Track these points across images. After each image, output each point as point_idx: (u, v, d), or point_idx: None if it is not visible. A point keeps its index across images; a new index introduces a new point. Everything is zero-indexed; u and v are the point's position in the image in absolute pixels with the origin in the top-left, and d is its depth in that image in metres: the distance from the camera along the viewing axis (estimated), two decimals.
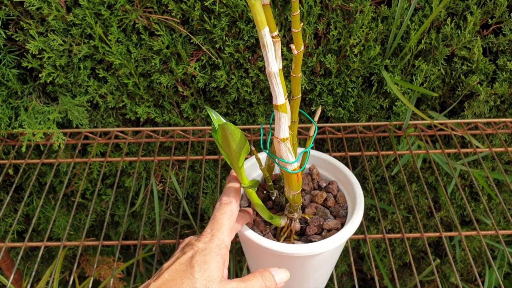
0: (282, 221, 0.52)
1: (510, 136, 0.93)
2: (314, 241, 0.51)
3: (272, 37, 0.39)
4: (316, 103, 0.85)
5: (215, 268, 0.40)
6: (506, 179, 0.77)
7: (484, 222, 1.03)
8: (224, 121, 0.44)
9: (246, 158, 0.61)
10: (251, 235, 0.50)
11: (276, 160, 0.50)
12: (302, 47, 0.42)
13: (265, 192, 0.59)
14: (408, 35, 0.79)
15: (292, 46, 0.42)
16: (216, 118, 0.46)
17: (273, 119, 0.45)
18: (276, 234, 0.54)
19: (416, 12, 0.78)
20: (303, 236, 0.54)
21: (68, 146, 0.93)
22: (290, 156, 0.44)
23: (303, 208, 0.56)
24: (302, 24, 0.75)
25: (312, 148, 0.55)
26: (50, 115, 0.82)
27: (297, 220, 0.53)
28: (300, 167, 0.48)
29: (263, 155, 0.58)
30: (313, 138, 0.50)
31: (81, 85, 0.84)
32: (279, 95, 0.41)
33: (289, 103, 0.47)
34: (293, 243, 0.52)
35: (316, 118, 0.51)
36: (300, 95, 0.47)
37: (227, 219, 0.45)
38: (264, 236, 0.52)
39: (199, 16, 0.75)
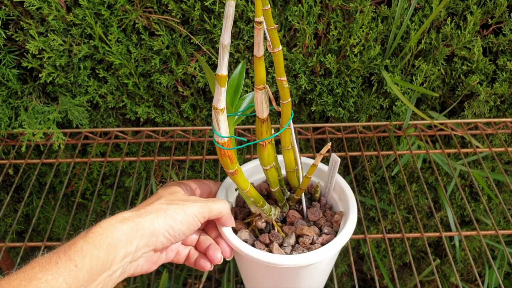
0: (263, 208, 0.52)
1: (510, 136, 0.93)
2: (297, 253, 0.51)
3: (257, 22, 0.39)
4: (316, 103, 0.85)
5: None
6: (506, 179, 0.77)
7: (484, 222, 1.03)
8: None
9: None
10: (238, 243, 0.50)
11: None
12: (280, 47, 0.41)
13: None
14: (408, 35, 0.79)
15: (268, 43, 0.41)
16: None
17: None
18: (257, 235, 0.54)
19: (416, 12, 0.78)
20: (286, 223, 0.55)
21: (68, 146, 0.93)
22: (222, 129, 0.43)
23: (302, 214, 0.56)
24: (302, 24, 0.75)
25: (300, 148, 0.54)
26: (50, 115, 0.82)
27: (273, 219, 0.53)
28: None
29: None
30: (286, 126, 0.49)
31: (81, 85, 0.84)
32: (222, 67, 0.41)
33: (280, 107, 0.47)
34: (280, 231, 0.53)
35: (324, 150, 0.48)
36: (290, 100, 0.45)
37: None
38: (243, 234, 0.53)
39: (199, 16, 0.75)
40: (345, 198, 0.55)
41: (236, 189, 0.57)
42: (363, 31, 0.76)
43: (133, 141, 0.86)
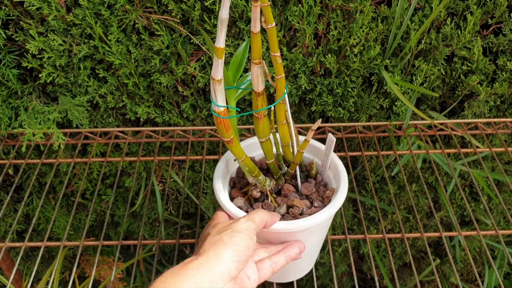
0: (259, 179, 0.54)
1: (510, 136, 0.93)
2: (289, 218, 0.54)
3: (254, 0, 0.41)
4: (316, 103, 0.85)
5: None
6: (506, 179, 0.77)
7: (484, 222, 1.03)
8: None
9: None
10: (232, 209, 0.53)
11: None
12: (274, 23, 0.43)
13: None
14: (408, 35, 0.79)
15: (263, 19, 0.43)
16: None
17: None
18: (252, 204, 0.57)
19: (416, 12, 0.78)
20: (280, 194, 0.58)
21: (68, 146, 0.93)
22: (219, 99, 0.46)
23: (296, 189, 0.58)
24: (302, 24, 0.75)
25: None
26: (50, 115, 0.82)
27: (268, 189, 0.56)
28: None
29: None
30: (284, 95, 0.51)
31: (81, 85, 0.84)
32: (220, 40, 0.42)
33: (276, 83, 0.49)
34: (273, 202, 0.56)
35: (315, 126, 0.50)
36: (284, 75, 0.48)
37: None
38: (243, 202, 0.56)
39: (199, 16, 0.75)
40: (338, 175, 0.57)
41: (234, 160, 0.60)
42: (363, 31, 0.76)
43: (133, 141, 0.86)
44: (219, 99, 0.46)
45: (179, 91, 0.85)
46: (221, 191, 0.55)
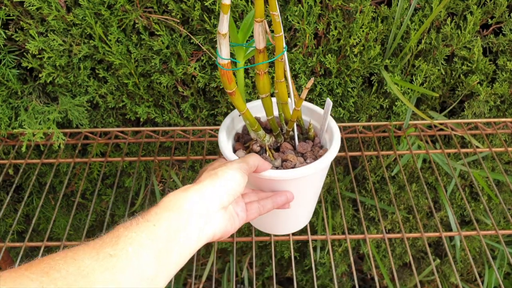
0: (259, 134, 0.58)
1: (510, 136, 0.93)
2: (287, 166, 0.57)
3: None
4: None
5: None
6: (506, 179, 0.77)
7: (484, 222, 1.03)
8: None
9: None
10: (232, 157, 0.57)
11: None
12: None
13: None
14: (408, 35, 0.79)
15: None
16: None
17: None
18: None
19: (416, 12, 0.78)
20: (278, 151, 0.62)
21: (68, 146, 0.93)
22: (223, 52, 0.49)
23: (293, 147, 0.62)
24: (302, 24, 0.75)
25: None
26: (50, 115, 0.82)
27: (267, 144, 0.59)
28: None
29: (257, 102, 0.65)
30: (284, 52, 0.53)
31: (81, 85, 0.84)
32: None
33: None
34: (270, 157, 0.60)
35: (309, 84, 0.53)
36: (282, 33, 0.50)
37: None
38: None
39: (199, 16, 0.75)
40: (332, 136, 0.60)
41: (239, 115, 0.62)
42: (363, 31, 0.76)
43: (133, 141, 0.86)
44: (224, 52, 0.49)
45: (179, 91, 0.85)
46: (224, 142, 0.59)
